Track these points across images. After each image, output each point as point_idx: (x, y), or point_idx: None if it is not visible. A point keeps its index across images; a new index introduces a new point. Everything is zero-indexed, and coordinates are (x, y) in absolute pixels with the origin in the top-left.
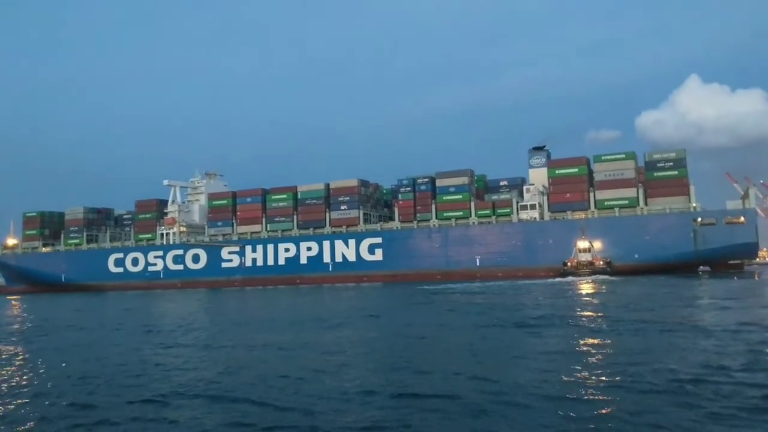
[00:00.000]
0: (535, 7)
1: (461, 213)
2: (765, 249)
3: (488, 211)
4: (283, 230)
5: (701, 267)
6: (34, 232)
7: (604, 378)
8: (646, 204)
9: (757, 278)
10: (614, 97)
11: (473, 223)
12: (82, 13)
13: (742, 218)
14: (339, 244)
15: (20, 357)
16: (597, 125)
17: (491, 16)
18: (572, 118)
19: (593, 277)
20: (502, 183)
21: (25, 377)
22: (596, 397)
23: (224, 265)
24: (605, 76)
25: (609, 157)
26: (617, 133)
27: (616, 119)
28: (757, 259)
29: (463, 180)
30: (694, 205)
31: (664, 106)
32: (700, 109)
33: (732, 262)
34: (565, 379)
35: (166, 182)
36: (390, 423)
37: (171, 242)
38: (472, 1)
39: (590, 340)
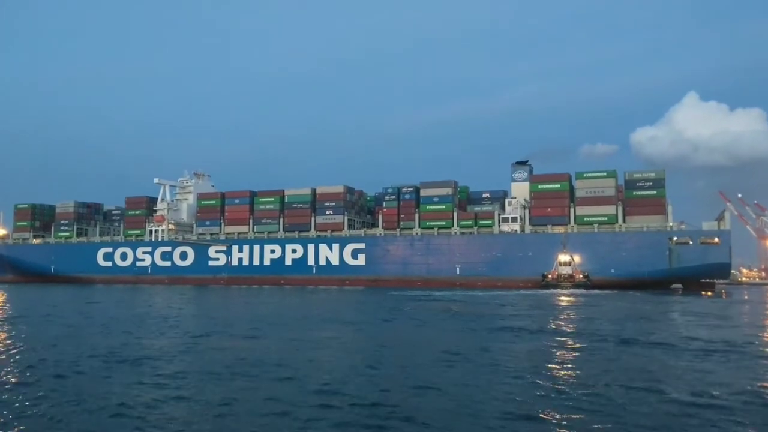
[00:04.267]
0: (536, 26)
1: (444, 223)
2: (755, 269)
3: (470, 222)
4: (269, 232)
5: (674, 284)
6: (24, 223)
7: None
8: (624, 221)
9: (746, 297)
10: (611, 112)
11: (455, 233)
12: (80, 13)
13: (717, 239)
14: (323, 247)
15: None
16: (593, 139)
17: (493, 34)
18: (567, 133)
19: (573, 290)
20: (484, 195)
21: None
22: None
23: (211, 263)
24: (603, 92)
25: (590, 175)
26: (613, 147)
27: (612, 134)
28: (744, 279)
29: (447, 191)
30: (671, 224)
31: (660, 123)
32: (696, 127)
33: (704, 280)
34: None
35: (156, 180)
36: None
37: (159, 239)
38: (475, 19)
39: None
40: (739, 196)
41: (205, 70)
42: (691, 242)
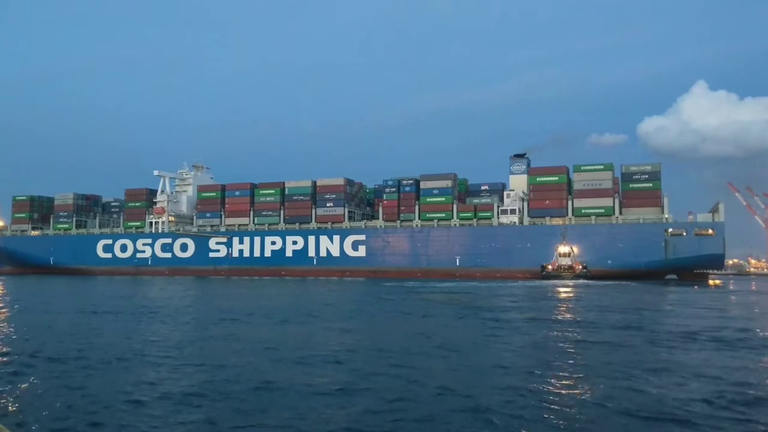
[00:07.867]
0: (544, 12)
1: (443, 215)
2: (763, 260)
3: (470, 214)
4: (270, 224)
5: (669, 275)
6: (23, 215)
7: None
8: (621, 213)
9: (753, 288)
10: (619, 101)
11: (455, 225)
12: (77, 3)
13: (711, 230)
14: (324, 239)
15: None
16: (600, 129)
17: (497, 21)
18: (574, 122)
19: (574, 281)
20: (483, 187)
21: None
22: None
23: (212, 255)
24: (610, 81)
25: (587, 168)
26: (620, 137)
27: (620, 123)
28: (752, 269)
29: (447, 183)
30: (666, 216)
31: (668, 112)
32: (705, 117)
33: (697, 271)
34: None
35: (156, 172)
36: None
37: (160, 231)
38: (477, 6)
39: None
40: (748, 187)
41: (206, 61)
42: (685, 234)
